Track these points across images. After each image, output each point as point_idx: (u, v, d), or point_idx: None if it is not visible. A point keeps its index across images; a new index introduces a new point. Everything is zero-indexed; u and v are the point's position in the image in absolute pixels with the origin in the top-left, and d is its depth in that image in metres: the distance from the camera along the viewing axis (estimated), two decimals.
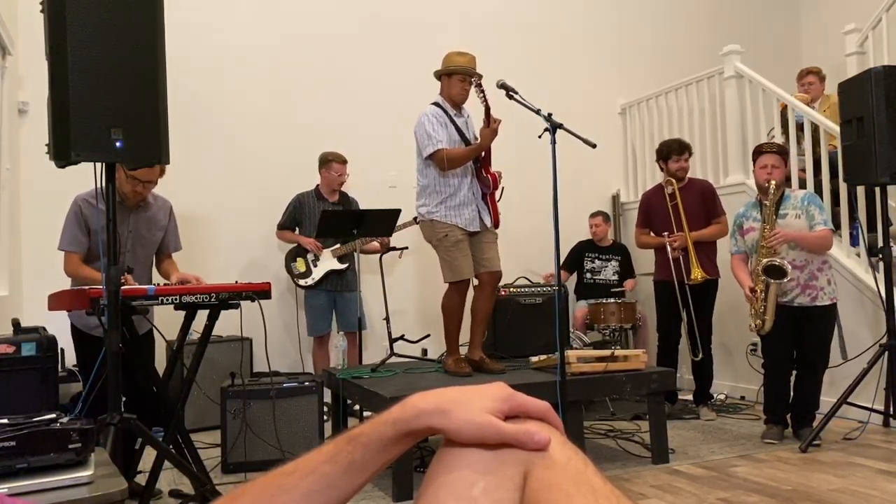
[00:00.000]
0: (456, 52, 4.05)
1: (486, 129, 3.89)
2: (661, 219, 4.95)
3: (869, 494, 3.13)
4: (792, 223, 4.11)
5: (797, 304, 4.09)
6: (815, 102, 5.74)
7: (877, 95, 3.99)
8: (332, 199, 5.26)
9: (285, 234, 5.28)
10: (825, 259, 4.15)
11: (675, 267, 4.80)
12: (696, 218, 4.85)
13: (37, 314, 3.65)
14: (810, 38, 7.77)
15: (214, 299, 2.90)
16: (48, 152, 2.36)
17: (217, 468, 3.71)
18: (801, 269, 4.09)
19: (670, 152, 4.95)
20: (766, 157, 4.18)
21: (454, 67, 4.00)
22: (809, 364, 4.12)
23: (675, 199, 4.87)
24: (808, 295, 4.08)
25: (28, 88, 4.83)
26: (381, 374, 4.01)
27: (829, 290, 4.11)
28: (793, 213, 4.15)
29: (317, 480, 0.71)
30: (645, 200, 5.18)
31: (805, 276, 4.09)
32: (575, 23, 6.80)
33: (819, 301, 4.08)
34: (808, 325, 4.09)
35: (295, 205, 5.24)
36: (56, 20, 2.31)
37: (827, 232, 4.07)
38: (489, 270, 4.01)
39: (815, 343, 4.10)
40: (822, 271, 4.11)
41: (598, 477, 0.70)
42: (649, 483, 3.42)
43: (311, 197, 5.26)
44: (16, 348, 2.88)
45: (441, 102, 4.05)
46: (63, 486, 1.52)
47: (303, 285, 5.15)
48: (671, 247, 4.80)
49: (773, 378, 4.21)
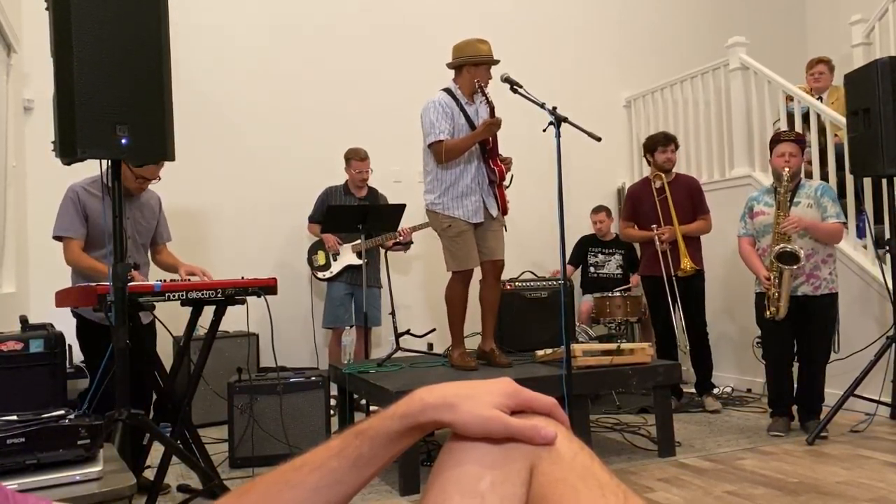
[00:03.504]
0: (477, 40, 3.92)
1: (487, 120, 3.80)
2: (647, 212, 4.96)
3: (876, 486, 3.12)
4: (804, 212, 4.12)
5: (801, 293, 4.10)
6: (823, 93, 5.71)
7: (883, 87, 3.97)
8: (360, 195, 5.28)
9: (311, 227, 5.32)
10: (831, 251, 4.16)
11: (663, 260, 4.79)
12: (683, 212, 4.86)
13: (44, 311, 3.67)
14: (816, 29, 7.73)
15: (220, 295, 2.90)
16: (54, 149, 2.37)
17: (224, 463, 3.72)
18: (808, 258, 4.09)
19: (656, 144, 4.97)
20: (785, 145, 4.19)
21: (482, 57, 3.87)
22: (811, 355, 4.13)
23: (664, 192, 4.88)
24: (812, 284, 4.10)
25: (33, 86, 4.85)
26: (387, 369, 4.01)
27: (831, 280, 4.12)
28: (805, 203, 4.16)
29: (325, 475, 0.72)
30: (631, 194, 5.18)
31: (810, 265, 4.10)
32: (580, 16, 6.77)
33: (821, 291, 4.09)
34: (808, 316, 4.11)
35: (323, 198, 5.28)
36: (61, 18, 2.32)
37: (839, 225, 4.11)
38: (490, 259, 3.96)
39: (816, 334, 4.12)
40: (826, 262, 4.12)
41: (604, 471, 0.70)
42: (656, 476, 3.42)
43: (339, 191, 5.29)
44: (24, 345, 2.89)
45: (454, 90, 3.94)
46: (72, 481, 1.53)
47: (320, 278, 5.23)
48: (659, 240, 4.80)
49: (775, 370, 4.23)
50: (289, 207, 5.45)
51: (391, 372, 3.93)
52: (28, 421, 1.57)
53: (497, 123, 3.81)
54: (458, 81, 3.96)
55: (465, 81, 3.93)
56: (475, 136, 3.84)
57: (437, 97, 3.91)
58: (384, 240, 5.08)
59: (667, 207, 4.85)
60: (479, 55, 3.88)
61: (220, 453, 3.81)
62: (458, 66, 3.94)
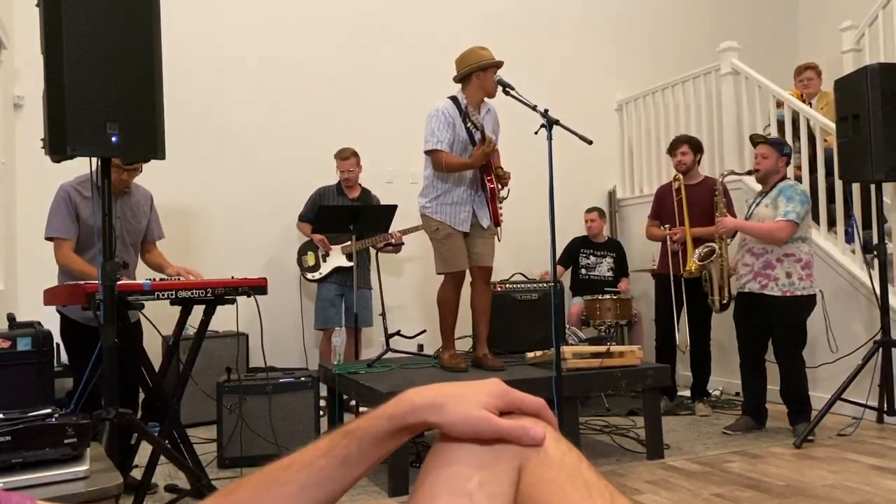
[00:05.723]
0: (477, 47, 3.91)
1: (477, 149, 3.81)
2: (668, 212, 5.03)
3: (862, 490, 3.14)
4: (760, 213, 4.22)
5: (747, 289, 4.23)
6: (812, 98, 5.75)
7: (872, 92, 4.00)
8: (353, 195, 5.26)
9: (301, 226, 5.30)
10: (790, 252, 4.11)
11: (672, 260, 4.84)
12: (702, 215, 4.84)
13: (32, 309, 3.65)
14: (807, 34, 7.78)
15: (210, 294, 2.89)
16: (44, 147, 2.36)
17: (213, 463, 3.71)
18: (758, 256, 4.19)
19: (672, 146, 5.09)
20: (758, 147, 4.34)
21: (487, 62, 3.84)
22: (777, 356, 4.20)
23: (680, 193, 4.93)
24: (759, 282, 4.16)
25: (23, 82, 4.82)
26: (377, 370, 4.01)
27: (786, 282, 4.09)
28: (764, 203, 4.23)
29: (313, 474, 0.72)
30: (658, 193, 5.27)
31: (760, 263, 4.17)
32: (572, 19, 6.79)
33: (768, 290, 4.12)
34: (767, 316, 4.16)
35: (315, 198, 5.25)
36: (52, 14, 2.30)
37: (778, 224, 4.07)
38: (478, 265, 3.99)
39: (776, 335, 4.19)
40: (780, 262, 4.12)
41: (592, 472, 0.71)
42: (644, 478, 3.43)
43: (333, 191, 5.27)
44: (11, 343, 2.87)
45: (460, 99, 3.92)
46: (59, 480, 1.52)
47: (310, 279, 5.21)
48: (671, 240, 4.88)
49: (741, 369, 4.41)
50: (280, 207, 5.43)
51: (381, 373, 3.93)
52: (14, 419, 1.56)
53: (486, 153, 3.79)
54: (465, 91, 3.93)
55: (473, 90, 3.90)
56: (470, 165, 3.85)
57: (441, 105, 3.90)
58: (374, 241, 5.08)
59: (682, 209, 4.92)
60: (484, 60, 3.86)
61: (209, 453, 3.79)
62: (465, 75, 3.90)
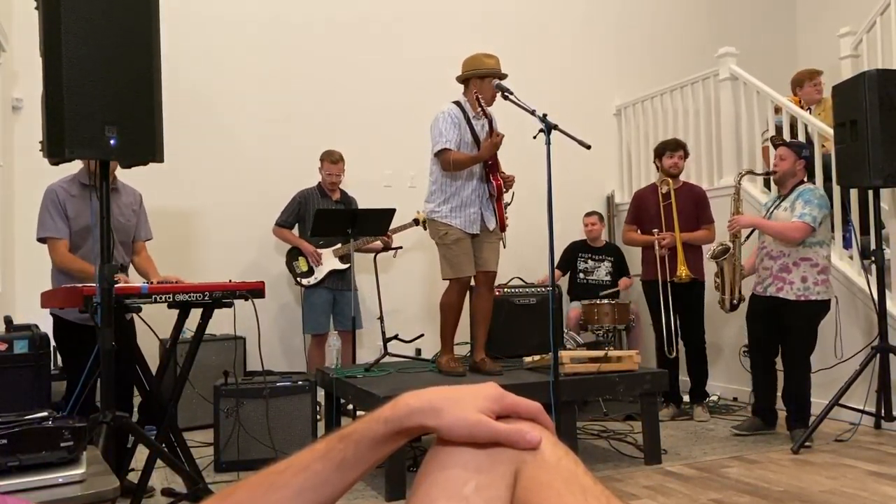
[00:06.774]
0: (483, 54, 3.96)
1: (487, 140, 3.85)
2: (651, 217, 4.98)
3: (859, 496, 3.14)
4: (780, 216, 4.21)
5: (769, 293, 4.20)
6: (811, 105, 5.76)
7: (870, 98, 4.01)
8: (335, 198, 5.24)
9: (283, 233, 5.21)
10: (807, 256, 4.10)
11: (660, 266, 4.82)
12: (688, 220, 4.88)
13: (30, 311, 3.64)
14: (805, 40, 7.80)
15: (208, 298, 2.89)
16: (42, 149, 2.35)
17: (210, 467, 3.70)
18: (776, 259, 4.18)
19: (665, 148, 5.04)
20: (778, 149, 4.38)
21: (487, 70, 3.90)
22: (786, 361, 4.20)
23: (669, 198, 4.90)
24: (775, 285, 4.16)
25: (22, 85, 4.81)
26: (375, 374, 4.01)
27: (801, 286, 4.08)
28: (783, 206, 4.23)
29: (309, 478, 0.72)
30: (637, 198, 5.23)
31: (777, 266, 4.16)
32: (571, 24, 6.80)
33: (784, 294, 4.11)
34: (782, 319, 4.15)
35: (299, 201, 5.18)
36: (50, 17, 2.31)
37: (795, 224, 4.06)
38: (483, 270, 4.00)
39: (788, 338, 4.17)
40: (797, 266, 4.11)
41: (588, 476, 0.70)
42: (641, 484, 3.43)
43: (315, 193, 5.22)
44: (8, 346, 2.87)
45: (462, 103, 3.99)
46: (55, 484, 1.51)
47: (305, 284, 5.11)
48: (659, 245, 4.82)
49: (753, 371, 4.40)
50: (277, 210, 5.42)
51: (379, 377, 3.93)
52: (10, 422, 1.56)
53: (496, 143, 3.83)
54: (466, 95, 3.99)
55: (473, 95, 3.94)
56: (479, 157, 3.89)
57: (446, 108, 3.96)
58: (364, 243, 5.06)
59: (670, 213, 4.87)
60: (484, 68, 3.90)
61: (206, 457, 3.79)
62: (465, 79, 3.98)
